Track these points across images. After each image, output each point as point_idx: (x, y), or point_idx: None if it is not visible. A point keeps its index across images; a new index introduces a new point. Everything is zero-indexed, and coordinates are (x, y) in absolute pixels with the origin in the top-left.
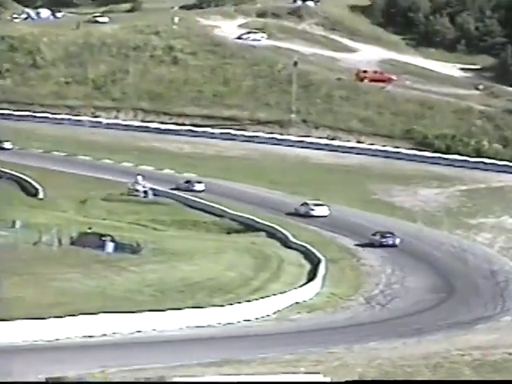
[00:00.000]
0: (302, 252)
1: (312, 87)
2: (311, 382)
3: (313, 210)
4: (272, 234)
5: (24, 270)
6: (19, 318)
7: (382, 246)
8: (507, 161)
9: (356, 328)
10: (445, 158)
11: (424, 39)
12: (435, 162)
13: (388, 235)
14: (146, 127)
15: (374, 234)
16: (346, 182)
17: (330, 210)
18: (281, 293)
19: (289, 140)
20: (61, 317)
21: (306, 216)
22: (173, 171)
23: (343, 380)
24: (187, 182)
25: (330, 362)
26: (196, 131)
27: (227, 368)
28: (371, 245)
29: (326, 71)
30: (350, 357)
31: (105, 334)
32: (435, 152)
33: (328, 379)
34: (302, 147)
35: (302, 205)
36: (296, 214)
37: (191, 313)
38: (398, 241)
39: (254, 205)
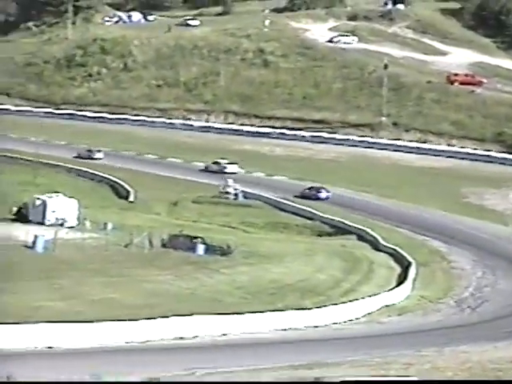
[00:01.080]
0: (392, 255)
1: (403, 90)
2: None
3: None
4: (362, 237)
5: (115, 271)
6: (110, 320)
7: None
8: None
9: (446, 331)
10: None
11: None
12: None
13: (321, 190)
14: (237, 130)
15: (309, 189)
16: (437, 185)
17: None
18: (371, 295)
19: (379, 143)
20: (153, 318)
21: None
22: (263, 174)
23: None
24: (89, 150)
25: (421, 365)
26: (287, 134)
27: (316, 370)
28: (307, 198)
29: (417, 74)
30: (440, 360)
31: (196, 336)
32: None
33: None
34: (393, 150)
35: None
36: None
37: (281, 315)
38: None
39: (343, 207)
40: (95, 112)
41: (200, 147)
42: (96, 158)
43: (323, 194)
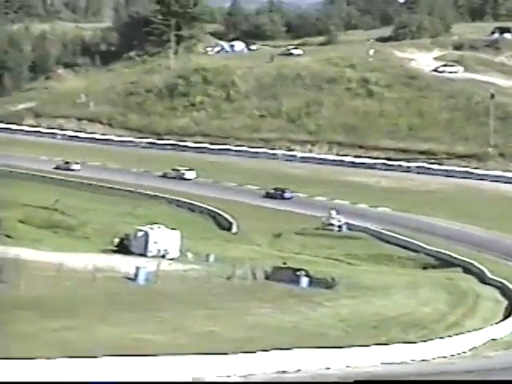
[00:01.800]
0: (499, 288)
1: (510, 120)
2: None
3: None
4: (468, 270)
5: (217, 304)
6: (211, 353)
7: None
8: None
9: None
10: None
11: None
12: None
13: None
14: (341, 161)
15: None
16: None
17: None
18: (476, 329)
19: (486, 174)
20: (253, 352)
21: None
22: (366, 205)
23: None
24: (66, 162)
25: None
26: (392, 165)
27: None
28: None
29: None
30: None
31: (299, 370)
32: None
33: None
34: (501, 182)
35: None
36: None
37: (385, 349)
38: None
39: (451, 240)
40: (197, 142)
41: (302, 178)
42: (74, 170)
43: (287, 195)
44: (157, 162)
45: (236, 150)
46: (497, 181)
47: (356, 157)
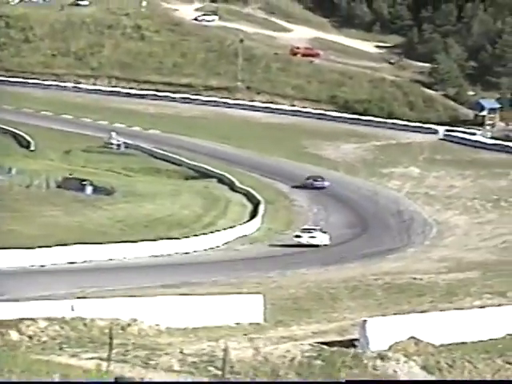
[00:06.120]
0: (245, 194)
1: (254, 60)
2: None
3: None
4: (222, 180)
5: (17, 207)
6: (11, 248)
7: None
8: (413, 121)
9: (288, 257)
10: (363, 119)
11: (346, 21)
12: (354, 123)
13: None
14: (118, 92)
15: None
16: (282, 138)
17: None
18: (229, 227)
19: (235, 104)
20: (49, 246)
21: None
22: (139, 128)
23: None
24: None
25: (268, 285)
26: (159, 95)
27: (184, 289)
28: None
29: (266, 47)
30: (284, 280)
31: (84, 261)
32: (354, 114)
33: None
34: (247, 109)
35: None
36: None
37: (154, 244)
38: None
39: (208, 156)
40: (1, 76)
41: (87, 106)
42: None
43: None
44: None
45: (32, 83)
46: (244, 109)
47: (130, 89)
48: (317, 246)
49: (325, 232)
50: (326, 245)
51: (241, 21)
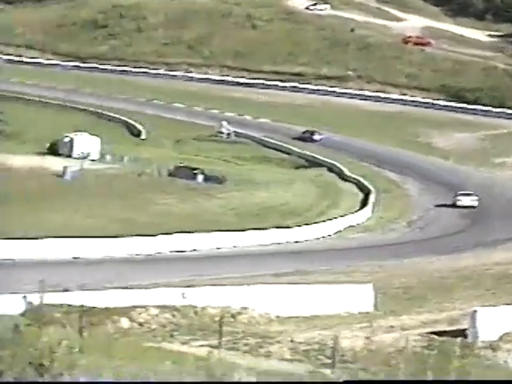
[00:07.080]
0: (355, 183)
1: (369, 49)
2: None
3: None
4: (331, 169)
5: (130, 195)
6: (128, 235)
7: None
8: None
9: (400, 246)
10: (471, 108)
11: (459, 10)
12: (463, 111)
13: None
14: (229, 81)
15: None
16: (392, 127)
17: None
18: (340, 216)
19: (346, 93)
20: (167, 234)
21: None
22: (250, 117)
23: None
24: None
25: (379, 273)
26: (269, 84)
27: (296, 277)
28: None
29: (379, 36)
30: (395, 269)
31: (195, 250)
32: (465, 103)
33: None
34: (355, 98)
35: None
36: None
37: (266, 232)
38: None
39: (318, 145)
40: (115, 66)
41: (199, 94)
42: None
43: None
44: (83, 82)
45: (144, 72)
46: (352, 97)
47: (241, 77)
48: (474, 207)
49: (476, 195)
50: (475, 206)
51: (353, 10)
